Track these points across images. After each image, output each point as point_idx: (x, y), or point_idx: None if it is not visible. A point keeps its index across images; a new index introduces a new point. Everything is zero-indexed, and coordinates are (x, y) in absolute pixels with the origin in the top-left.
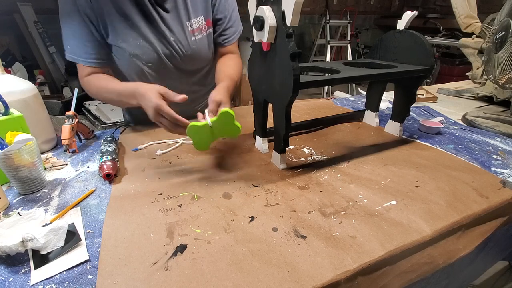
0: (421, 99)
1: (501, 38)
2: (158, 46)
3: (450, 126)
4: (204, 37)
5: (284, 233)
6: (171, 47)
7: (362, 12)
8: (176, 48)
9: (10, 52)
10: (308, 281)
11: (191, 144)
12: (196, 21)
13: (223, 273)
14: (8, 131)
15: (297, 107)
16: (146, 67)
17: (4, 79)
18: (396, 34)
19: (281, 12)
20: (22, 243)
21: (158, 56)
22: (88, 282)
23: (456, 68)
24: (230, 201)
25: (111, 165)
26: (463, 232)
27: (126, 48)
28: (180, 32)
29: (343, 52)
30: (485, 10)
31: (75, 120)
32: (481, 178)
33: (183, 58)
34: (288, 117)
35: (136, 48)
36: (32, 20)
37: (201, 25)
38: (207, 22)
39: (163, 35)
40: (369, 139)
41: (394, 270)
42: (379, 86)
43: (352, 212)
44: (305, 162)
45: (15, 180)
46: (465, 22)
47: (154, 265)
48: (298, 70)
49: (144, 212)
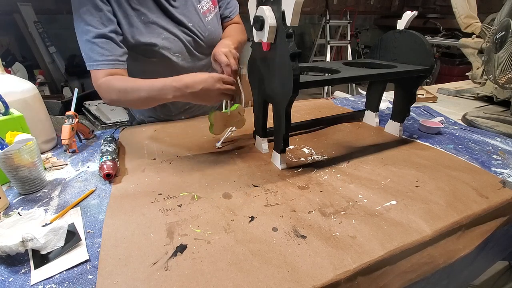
0: (421, 99)
1: (501, 38)
2: (181, 35)
3: (450, 126)
4: (214, 16)
5: (284, 233)
6: (192, 32)
7: (362, 12)
8: (196, 32)
9: (10, 52)
10: (308, 281)
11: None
12: (205, 2)
13: (223, 273)
14: (8, 131)
15: (297, 107)
16: (174, 57)
17: (4, 79)
18: (396, 34)
19: (281, 12)
20: (22, 243)
21: (183, 44)
22: (88, 282)
23: (456, 68)
24: (230, 201)
25: (111, 165)
26: (463, 232)
27: (156, 43)
28: (195, 16)
29: (343, 52)
30: (485, 10)
31: (75, 120)
32: (481, 178)
33: (204, 41)
34: (288, 117)
35: (164, 41)
36: (32, 20)
37: (210, 5)
38: (213, 1)
39: (181, 23)
40: (369, 139)
41: (394, 270)
42: (379, 86)
43: (352, 212)
44: (305, 162)
45: (15, 180)
46: (465, 22)
47: (154, 265)
48: (298, 70)
49: (144, 212)
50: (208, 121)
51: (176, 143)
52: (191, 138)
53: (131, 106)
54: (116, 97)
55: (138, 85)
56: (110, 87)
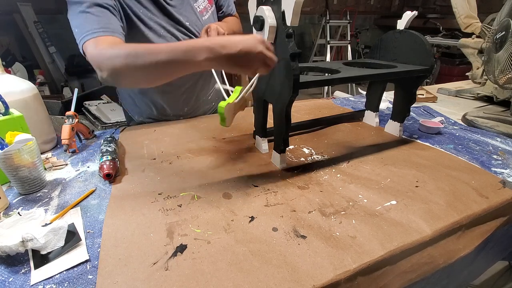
0: (421, 99)
1: (501, 38)
2: (178, 33)
3: (450, 126)
4: (210, 15)
5: (284, 233)
6: (189, 31)
7: (362, 12)
8: (193, 31)
9: (10, 52)
10: (308, 281)
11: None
12: (201, 1)
13: (223, 273)
14: (8, 131)
15: (297, 107)
16: None
17: (4, 79)
18: (396, 34)
19: (281, 12)
20: (22, 243)
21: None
22: (88, 282)
23: (456, 68)
24: (230, 201)
25: (111, 165)
26: (463, 232)
27: (153, 41)
28: (192, 15)
29: (343, 52)
30: (485, 10)
31: (75, 120)
32: (481, 178)
33: None
34: (288, 117)
35: (161, 39)
36: (32, 20)
37: (206, 4)
38: (209, 0)
39: (179, 22)
40: (369, 139)
41: (394, 270)
42: (379, 86)
43: (352, 212)
44: (305, 162)
45: (15, 180)
46: (465, 22)
47: (154, 265)
48: (298, 70)
49: (144, 212)
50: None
51: (176, 143)
52: (191, 138)
53: (138, 80)
54: (122, 63)
55: (155, 47)
56: (114, 51)
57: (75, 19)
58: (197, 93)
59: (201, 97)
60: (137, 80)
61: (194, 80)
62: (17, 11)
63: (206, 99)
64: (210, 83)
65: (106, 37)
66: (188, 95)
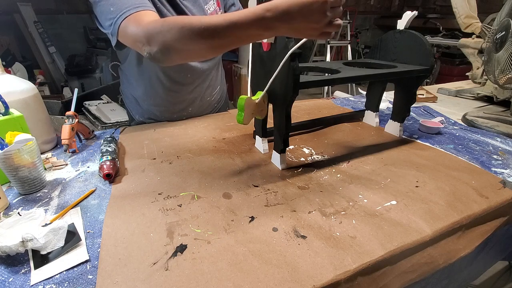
0: (421, 99)
1: (501, 38)
2: None
3: (450, 126)
4: None
5: (284, 233)
6: None
7: (362, 12)
8: None
9: (10, 52)
10: (308, 281)
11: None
12: (211, 4)
13: (223, 273)
14: (8, 131)
15: (297, 107)
16: None
17: (4, 79)
18: (396, 34)
19: None
20: (22, 243)
21: None
22: (88, 282)
23: (456, 68)
24: (230, 201)
25: (111, 165)
26: (463, 232)
27: None
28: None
29: (343, 52)
30: (485, 10)
31: (75, 120)
32: (481, 178)
33: None
34: (288, 117)
35: None
36: (32, 20)
37: (215, 7)
38: (217, 3)
39: None
40: (369, 139)
41: (394, 270)
42: (379, 86)
43: (352, 212)
44: (305, 162)
45: (15, 180)
46: (465, 22)
47: (154, 265)
48: (298, 70)
49: (144, 212)
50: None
51: (176, 143)
52: (191, 138)
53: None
54: (175, 36)
55: (209, 18)
56: (165, 25)
57: (105, 3)
58: (203, 93)
59: (206, 97)
60: (190, 54)
61: (203, 78)
62: (17, 11)
63: (210, 100)
64: (215, 83)
65: (147, 11)
66: (194, 95)
